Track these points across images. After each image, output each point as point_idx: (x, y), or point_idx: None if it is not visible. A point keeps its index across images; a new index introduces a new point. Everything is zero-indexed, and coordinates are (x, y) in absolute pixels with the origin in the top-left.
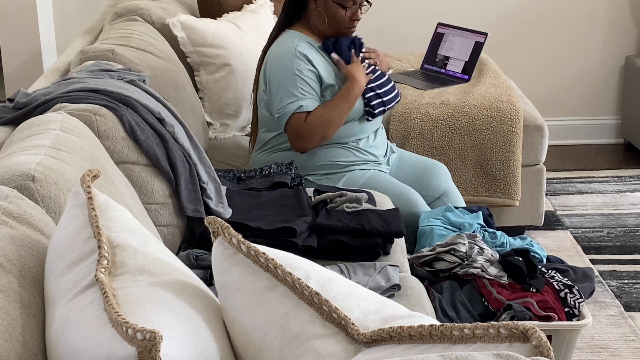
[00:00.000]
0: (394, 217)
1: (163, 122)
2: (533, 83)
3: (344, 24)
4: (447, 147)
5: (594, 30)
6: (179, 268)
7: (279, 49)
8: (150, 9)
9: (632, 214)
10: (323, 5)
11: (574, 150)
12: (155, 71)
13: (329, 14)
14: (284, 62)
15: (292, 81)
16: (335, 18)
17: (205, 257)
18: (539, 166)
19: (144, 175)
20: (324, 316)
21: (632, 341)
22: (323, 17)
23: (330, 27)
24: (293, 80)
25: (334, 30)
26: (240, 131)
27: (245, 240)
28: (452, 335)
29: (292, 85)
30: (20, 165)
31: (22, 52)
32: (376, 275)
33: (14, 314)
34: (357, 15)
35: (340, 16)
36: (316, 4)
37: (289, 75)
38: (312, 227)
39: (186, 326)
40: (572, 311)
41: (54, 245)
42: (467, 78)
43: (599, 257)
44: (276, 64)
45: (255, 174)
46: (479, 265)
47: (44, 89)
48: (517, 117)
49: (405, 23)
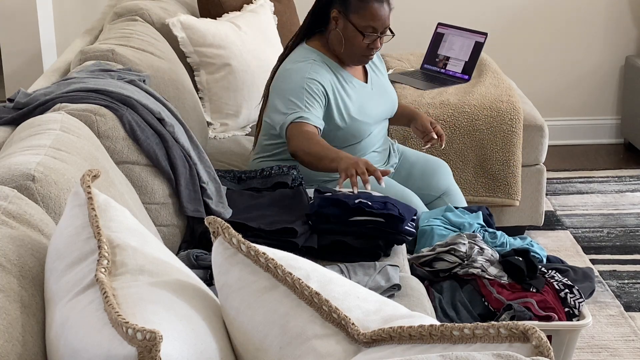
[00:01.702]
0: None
1: (163, 122)
2: (533, 83)
3: (361, 51)
4: (447, 147)
5: (594, 30)
6: (179, 268)
7: (293, 65)
8: (150, 9)
9: (632, 214)
10: (343, 27)
11: (574, 150)
12: (155, 71)
13: (346, 38)
14: (295, 78)
15: (298, 94)
16: (352, 43)
17: (205, 257)
18: (539, 166)
19: (144, 175)
20: (324, 316)
21: (632, 341)
22: (341, 39)
23: (346, 51)
24: (299, 94)
25: (350, 56)
26: (240, 131)
27: (245, 241)
28: (452, 335)
29: (296, 97)
30: (20, 165)
31: (22, 52)
32: (376, 275)
33: (14, 314)
34: (377, 44)
35: (358, 43)
36: (337, 24)
37: (296, 89)
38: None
39: (186, 326)
40: (572, 311)
41: (54, 245)
42: (467, 78)
43: (599, 257)
44: (286, 79)
45: (256, 174)
46: (479, 265)
47: (44, 89)
48: (517, 117)
49: (405, 23)
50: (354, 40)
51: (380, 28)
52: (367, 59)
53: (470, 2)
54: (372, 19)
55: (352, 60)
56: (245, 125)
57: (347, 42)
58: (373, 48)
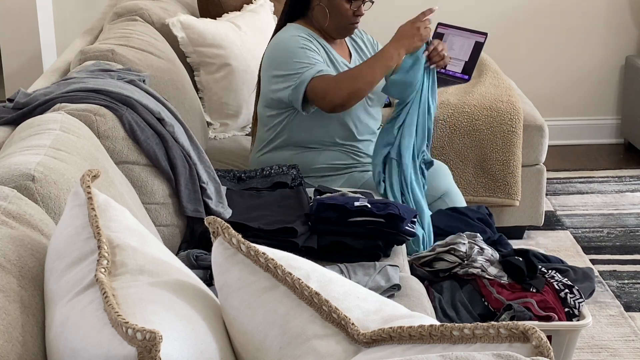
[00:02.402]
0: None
1: (163, 122)
2: (533, 83)
3: (348, 19)
4: (447, 147)
5: (594, 30)
6: (179, 268)
7: (278, 38)
8: (150, 9)
9: (632, 214)
10: (326, 0)
11: (574, 150)
12: (155, 71)
13: (332, 9)
14: (286, 43)
15: (301, 54)
16: (339, 12)
17: (205, 257)
18: (539, 166)
19: (144, 175)
20: (324, 316)
21: (632, 341)
22: (325, 12)
23: (332, 23)
24: (301, 53)
25: (336, 27)
26: (240, 131)
27: (245, 240)
28: (452, 335)
29: (301, 57)
30: (20, 165)
31: (22, 52)
32: (376, 275)
33: (14, 314)
34: (361, 10)
35: (344, 10)
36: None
37: (295, 50)
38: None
39: (186, 326)
40: (572, 311)
41: (54, 245)
42: (467, 78)
43: (599, 257)
44: (278, 47)
45: (256, 174)
46: (479, 265)
47: (44, 89)
48: (517, 117)
49: None
50: (340, 9)
51: None
52: (354, 27)
53: (470, 2)
54: None
55: (338, 32)
56: (245, 125)
57: (332, 14)
58: (358, 15)
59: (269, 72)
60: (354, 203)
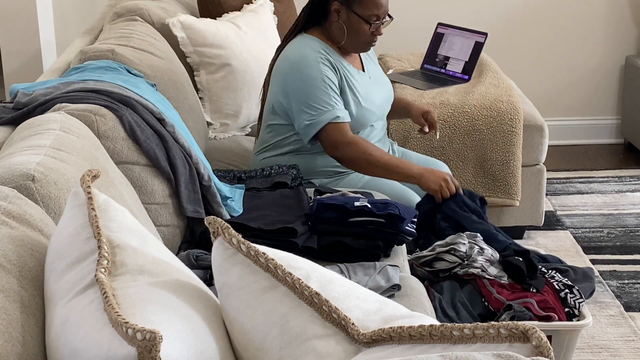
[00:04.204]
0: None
1: (163, 122)
2: (533, 83)
3: (366, 39)
4: (447, 147)
5: (594, 30)
6: (179, 268)
7: (298, 55)
8: (150, 9)
9: (632, 214)
10: (346, 18)
11: (574, 150)
12: (155, 71)
13: (350, 28)
14: (309, 71)
15: (322, 89)
16: (357, 32)
17: (205, 257)
18: (539, 166)
19: (144, 175)
20: (324, 316)
21: (632, 341)
22: (343, 30)
23: (349, 40)
24: (323, 88)
25: (353, 45)
26: (240, 131)
27: (245, 241)
28: (452, 335)
29: (322, 93)
30: (20, 165)
31: (22, 52)
32: (376, 275)
33: (14, 314)
34: (380, 30)
35: (363, 31)
36: (339, 16)
37: (317, 82)
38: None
39: (186, 326)
40: (572, 311)
41: (54, 245)
42: (467, 78)
43: (599, 257)
44: (299, 72)
45: (256, 174)
46: (479, 265)
47: (43, 89)
48: (517, 117)
49: (405, 23)
50: (359, 29)
51: (383, 15)
52: (371, 46)
53: (470, 2)
54: (375, 7)
55: (355, 49)
56: (245, 125)
57: (351, 32)
58: (377, 35)
59: (285, 88)
60: (354, 203)
